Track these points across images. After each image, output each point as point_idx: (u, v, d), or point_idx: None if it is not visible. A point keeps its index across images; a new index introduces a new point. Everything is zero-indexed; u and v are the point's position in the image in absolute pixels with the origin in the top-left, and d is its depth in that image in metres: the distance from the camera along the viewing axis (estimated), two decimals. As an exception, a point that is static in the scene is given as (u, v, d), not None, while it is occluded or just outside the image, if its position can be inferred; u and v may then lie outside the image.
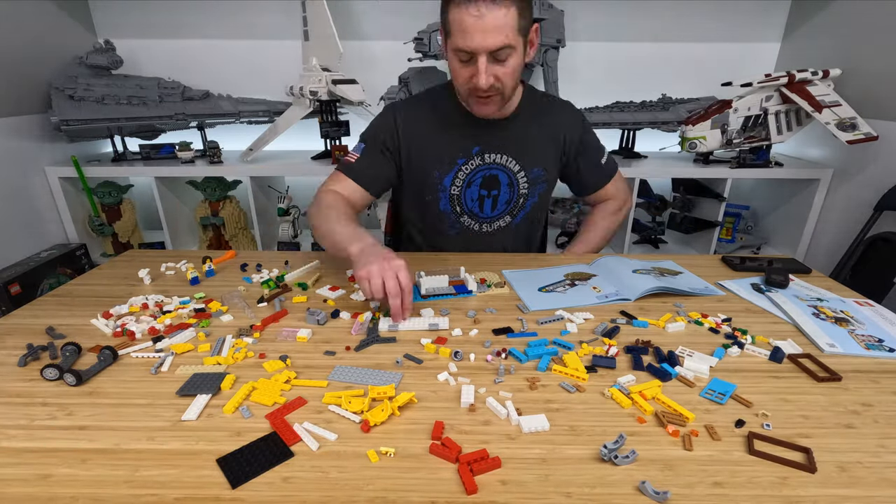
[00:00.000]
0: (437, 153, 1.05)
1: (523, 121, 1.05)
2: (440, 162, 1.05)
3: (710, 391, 0.63)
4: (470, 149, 1.04)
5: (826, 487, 0.48)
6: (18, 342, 0.74)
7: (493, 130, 1.04)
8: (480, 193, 1.09)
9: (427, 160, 1.06)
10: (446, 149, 1.05)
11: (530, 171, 1.08)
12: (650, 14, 2.03)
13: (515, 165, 1.06)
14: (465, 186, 1.07)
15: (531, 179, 1.09)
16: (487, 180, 1.07)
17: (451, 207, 1.10)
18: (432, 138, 1.05)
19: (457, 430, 0.56)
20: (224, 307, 0.84)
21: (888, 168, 1.60)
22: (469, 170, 1.05)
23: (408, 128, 1.04)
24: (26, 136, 1.74)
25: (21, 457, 0.52)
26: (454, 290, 0.90)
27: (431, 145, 1.05)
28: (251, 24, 2.03)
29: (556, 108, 1.10)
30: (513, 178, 1.07)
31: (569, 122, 1.10)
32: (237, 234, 2.02)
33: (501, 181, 1.07)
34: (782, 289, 0.94)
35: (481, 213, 1.11)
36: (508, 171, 1.06)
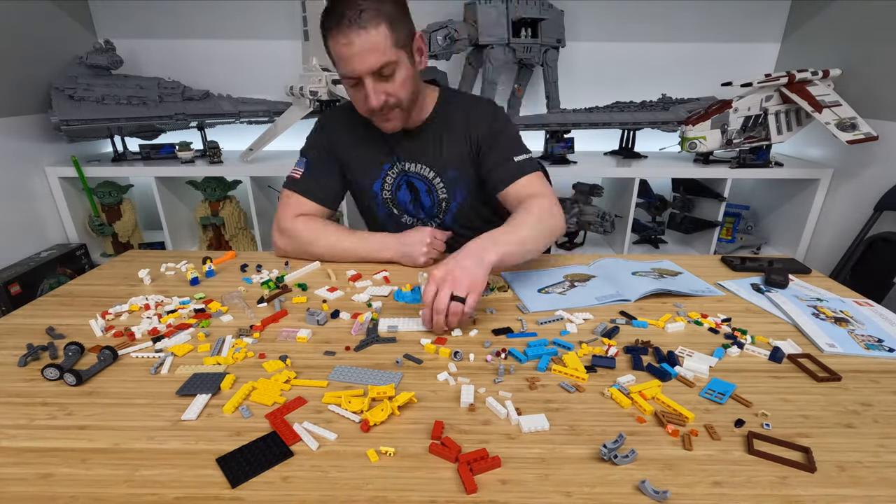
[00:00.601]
0: (366, 161, 1.08)
1: (436, 126, 1.05)
2: (370, 168, 1.09)
3: (709, 391, 0.63)
4: (392, 156, 1.07)
5: (826, 487, 0.48)
6: (18, 342, 0.74)
7: (407, 140, 1.05)
8: (411, 196, 1.11)
9: (359, 168, 1.09)
10: (372, 155, 1.08)
11: (445, 174, 1.07)
12: (650, 14, 2.03)
13: (430, 172, 1.07)
14: (395, 189, 1.10)
15: (448, 182, 1.08)
16: (410, 186, 1.10)
17: (387, 210, 1.13)
18: (360, 147, 1.07)
19: (457, 429, 0.56)
20: (224, 307, 0.84)
21: (888, 168, 1.60)
22: (395, 174, 1.08)
23: (338, 139, 1.08)
24: (26, 136, 1.74)
25: (21, 456, 0.52)
26: None
27: (360, 154, 1.08)
28: (251, 24, 2.03)
29: (469, 107, 1.06)
30: (429, 184, 1.08)
31: (479, 118, 1.04)
32: (237, 234, 2.02)
33: (420, 189, 1.09)
34: (782, 289, 0.94)
35: (417, 213, 1.13)
36: (424, 179, 1.08)
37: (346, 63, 0.87)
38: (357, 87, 0.91)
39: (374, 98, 0.89)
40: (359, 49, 0.84)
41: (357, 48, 0.84)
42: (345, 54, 0.85)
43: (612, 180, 2.10)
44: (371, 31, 0.83)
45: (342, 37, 0.84)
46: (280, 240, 1.07)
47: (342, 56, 0.86)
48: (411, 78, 0.92)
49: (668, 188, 2.17)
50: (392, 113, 0.94)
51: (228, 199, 2.00)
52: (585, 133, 2.08)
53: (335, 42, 0.85)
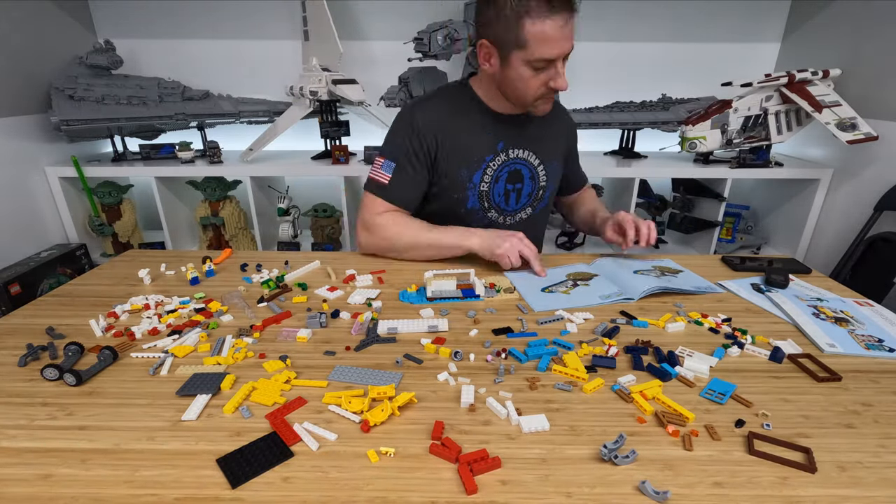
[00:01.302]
0: (464, 152, 1.05)
1: (537, 119, 1.08)
2: (468, 160, 1.06)
3: (710, 391, 0.63)
4: (495, 145, 1.06)
5: (826, 487, 0.48)
6: (18, 342, 0.74)
7: (513, 127, 1.07)
8: (507, 188, 1.11)
9: (454, 160, 1.05)
10: (473, 147, 1.05)
11: (549, 164, 1.13)
12: (650, 14, 2.03)
13: (535, 159, 1.11)
14: (493, 182, 1.09)
15: (549, 172, 1.14)
16: (512, 175, 1.10)
17: (479, 203, 1.10)
18: (457, 138, 1.04)
19: (457, 430, 0.56)
20: (224, 307, 0.85)
21: (888, 168, 1.60)
22: (497, 165, 1.08)
23: (429, 129, 1.03)
24: (26, 136, 1.74)
25: (21, 457, 0.52)
26: (461, 294, 0.89)
27: (457, 145, 1.04)
28: (251, 24, 2.03)
29: (559, 111, 1.17)
30: (534, 171, 1.11)
31: (568, 124, 1.20)
32: (237, 234, 2.02)
33: (524, 175, 1.11)
34: (782, 289, 0.94)
35: (507, 206, 1.13)
36: (530, 165, 1.10)
37: (553, 44, 0.87)
38: (541, 71, 0.91)
39: (563, 79, 0.92)
40: (567, 33, 0.87)
41: (568, 30, 0.87)
42: (556, 35, 0.86)
43: (612, 180, 2.10)
44: (575, 16, 0.87)
45: (558, 17, 0.85)
46: (365, 236, 1.08)
47: (552, 37, 0.86)
48: None
49: (668, 188, 2.17)
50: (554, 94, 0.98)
51: (228, 199, 2.00)
52: (585, 133, 2.07)
53: (545, 23, 0.85)
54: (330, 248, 2.01)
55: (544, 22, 0.85)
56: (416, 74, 1.83)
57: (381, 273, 0.99)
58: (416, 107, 1.05)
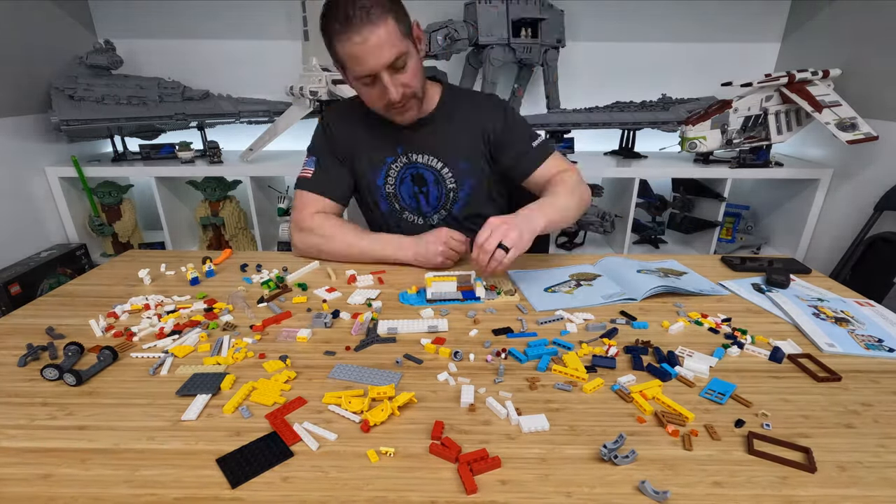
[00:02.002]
0: (368, 155, 1.08)
1: (442, 119, 1.06)
2: (371, 162, 1.09)
3: (709, 391, 0.63)
4: (395, 147, 1.07)
5: (826, 487, 0.48)
6: (18, 342, 0.74)
7: (412, 131, 1.05)
8: (414, 190, 1.11)
9: (362, 163, 1.09)
10: (375, 148, 1.08)
11: (455, 165, 1.08)
12: (650, 14, 2.03)
13: (438, 163, 1.08)
14: (398, 184, 1.10)
15: (457, 173, 1.08)
16: (416, 178, 1.10)
17: (389, 206, 1.13)
18: (363, 142, 1.08)
19: (457, 429, 0.56)
20: (230, 306, 0.85)
21: (888, 168, 1.60)
22: (398, 167, 1.08)
23: (341, 135, 1.08)
24: (26, 136, 1.74)
25: (21, 457, 0.52)
26: (461, 296, 0.89)
27: (362, 147, 1.08)
28: (251, 24, 2.03)
29: (477, 103, 1.09)
30: (437, 175, 1.09)
31: (489, 114, 1.07)
32: (237, 234, 2.02)
33: (427, 179, 1.09)
34: (783, 289, 0.94)
35: (420, 207, 1.13)
36: (432, 170, 1.08)
37: (361, 61, 0.86)
38: (372, 85, 0.91)
39: (394, 91, 0.90)
40: (373, 45, 0.84)
41: (371, 44, 0.84)
42: (359, 53, 0.85)
43: (612, 180, 2.10)
44: (381, 26, 0.84)
45: (355, 35, 0.83)
46: (300, 239, 1.06)
47: (356, 55, 0.86)
48: (419, 65, 0.95)
49: (668, 188, 2.17)
50: (409, 103, 0.96)
51: (228, 199, 2.00)
52: (585, 133, 2.08)
53: (345, 42, 0.85)
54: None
55: (344, 40, 0.85)
56: (416, 74, 1.83)
57: (381, 273, 0.99)
58: (326, 114, 1.11)
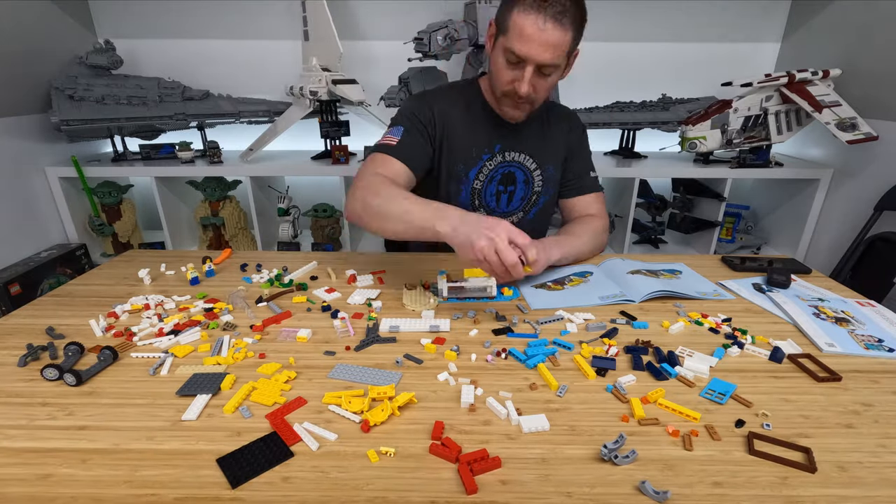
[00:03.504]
0: (465, 146, 1.07)
1: (539, 122, 1.10)
2: (466, 155, 1.07)
3: (710, 391, 0.63)
4: (493, 145, 1.07)
5: (826, 487, 0.48)
6: (18, 342, 0.74)
7: (513, 129, 1.07)
8: (498, 189, 1.12)
9: (455, 152, 1.07)
10: (473, 143, 1.07)
11: (545, 168, 1.12)
12: (650, 14, 2.03)
13: (532, 163, 1.10)
14: (486, 182, 1.10)
15: (546, 177, 1.12)
16: (506, 177, 1.11)
17: (469, 200, 1.12)
18: (461, 131, 1.06)
19: (457, 430, 0.56)
20: (230, 306, 0.85)
21: (888, 168, 1.60)
22: (492, 165, 1.09)
23: (442, 117, 1.05)
24: (26, 136, 1.74)
25: (21, 457, 0.52)
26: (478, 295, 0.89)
27: (460, 138, 1.07)
28: (251, 24, 2.03)
29: (564, 115, 1.16)
30: (529, 175, 1.11)
31: (575, 125, 1.16)
32: (237, 234, 2.02)
33: (518, 178, 1.11)
34: (784, 289, 0.94)
35: (497, 208, 1.14)
36: (525, 169, 1.10)
37: (525, 43, 0.87)
38: (513, 67, 0.91)
39: (525, 85, 0.91)
40: (546, 40, 0.86)
41: (545, 38, 0.85)
42: (530, 35, 0.85)
43: (612, 180, 2.10)
44: (562, 31, 0.86)
45: (539, 19, 0.84)
46: (352, 197, 0.93)
47: (526, 35, 0.86)
48: (556, 83, 0.97)
49: (668, 188, 2.17)
50: (525, 105, 0.97)
51: (228, 199, 2.00)
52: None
53: (527, 18, 0.85)
54: (330, 248, 2.01)
55: (527, 15, 0.85)
56: (416, 74, 1.83)
57: (382, 273, 0.99)
58: (427, 93, 1.10)
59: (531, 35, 0.85)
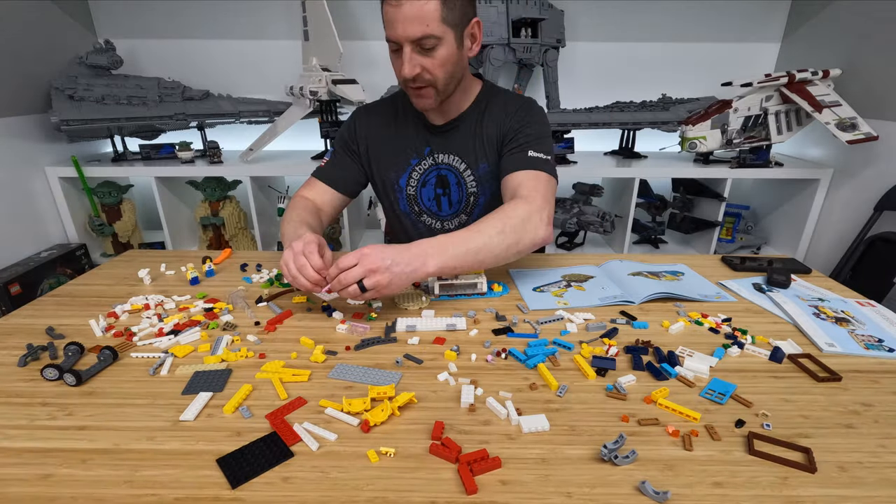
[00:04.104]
0: (392, 154, 1.08)
1: (472, 119, 1.03)
2: (395, 163, 1.08)
3: (710, 391, 0.63)
4: (422, 149, 1.06)
5: (826, 487, 0.48)
6: (18, 342, 0.74)
7: (442, 131, 1.04)
8: (437, 192, 1.10)
9: (383, 161, 1.09)
10: (400, 149, 1.07)
11: (476, 168, 1.04)
12: (650, 14, 2.03)
13: (461, 164, 1.06)
14: (419, 186, 1.09)
15: (479, 177, 1.05)
16: (440, 180, 1.09)
17: (408, 207, 1.12)
18: (387, 140, 1.07)
19: (457, 430, 0.56)
20: (230, 306, 0.85)
21: (888, 168, 1.60)
22: (422, 170, 1.07)
23: (365, 131, 1.08)
24: (26, 136, 1.74)
25: (21, 457, 0.52)
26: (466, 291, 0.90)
27: (386, 147, 1.08)
28: (251, 24, 2.03)
29: (507, 102, 1.03)
30: (459, 176, 1.07)
31: (514, 111, 1.02)
32: (237, 234, 2.02)
33: (450, 181, 1.08)
34: (784, 289, 0.94)
35: (440, 211, 1.12)
36: (455, 171, 1.07)
37: (390, 25, 0.87)
38: (397, 54, 0.91)
39: (407, 67, 0.89)
40: (405, 15, 0.84)
41: (404, 13, 0.84)
42: (391, 17, 0.86)
43: (612, 180, 2.11)
44: (420, 1, 0.84)
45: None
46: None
47: (388, 18, 0.87)
48: (453, 59, 0.90)
49: (668, 188, 2.17)
50: (426, 90, 0.93)
51: (228, 199, 2.00)
52: (585, 133, 2.08)
53: (387, 3, 0.86)
54: (330, 248, 2.01)
55: (386, 2, 0.86)
56: (416, 74, 1.83)
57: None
58: (359, 109, 1.12)
59: (392, 16, 0.86)
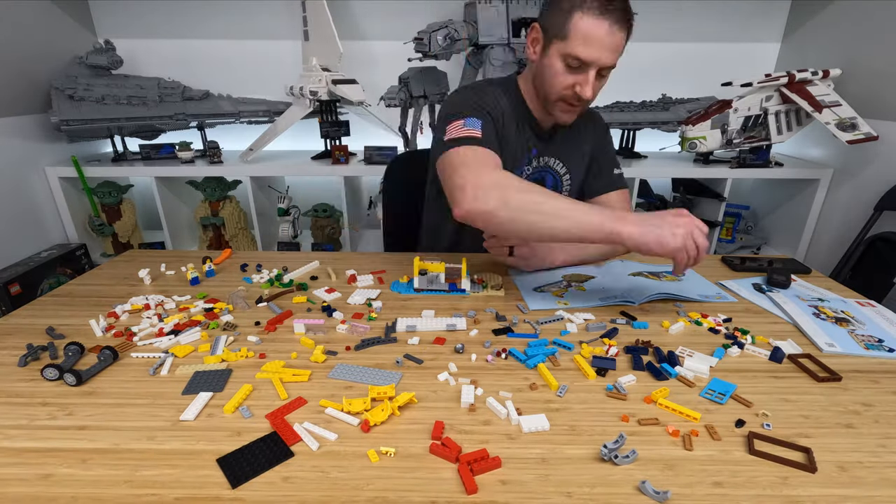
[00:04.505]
0: (511, 147, 1.02)
1: (572, 128, 1.06)
2: (513, 156, 1.03)
3: (710, 391, 0.63)
4: (531, 148, 1.05)
5: (826, 487, 0.48)
6: (18, 342, 0.74)
7: (548, 133, 1.06)
8: None
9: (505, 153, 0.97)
10: (518, 144, 1.04)
11: (574, 173, 1.10)
12: (650, 14, 2.03)
13: (563, 168, 1.09)
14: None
15: (573, 181, 1.11)
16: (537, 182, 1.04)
17: None
18: (510, 131, 1.02)
19: (457, 429, 0.56)
20: (230, 306, 0.85)
21: (888, 168, 1.60)
22: (530, 170, 1.07)
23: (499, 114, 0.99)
24: (26, 136, 1.74)
25: (21, 457, 0.52)
26: (447, 287, 0.91)
27: (509, 138, 1.01)
28: (251, 24, 2.03)
29: (588, 115, 1.11)
30: (558, 180, 1.09)
31: (597, 125, 1.13)
32: (237, 234, 2.02)
33: (547, 182, 1.09)
34: (784, 289, 0.94)
35: None
36: (555, 174, 1.09)
37: (591, 47, 0.85)
38: (574, 71, 0.89)
39: (590, 89, 0.90)
40: (611, 43, 0.85)
41: (611, 41, 0.85)
42: (597, 39, 0.85)
43: (612, 180, 2.10)
44: (624, 33, 0.86)
45: (606, 22, 0.83)
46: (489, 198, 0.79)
47: (593, 39, 0.85)
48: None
49: (668, 188, 2.17)
50: (577, 108, 0.95)
51: (228, 199, 2.00)
52: (585, 133, 2.08)
53: (593, 22, 0.84)
54: (330, 248, 2.01)
55: (593, 20, 0.84)
56: (416, 74, 1.83)
57: (382, 273, 0.99)
58: (479, 86, 1.02)
59: (599, 39, 0.84)
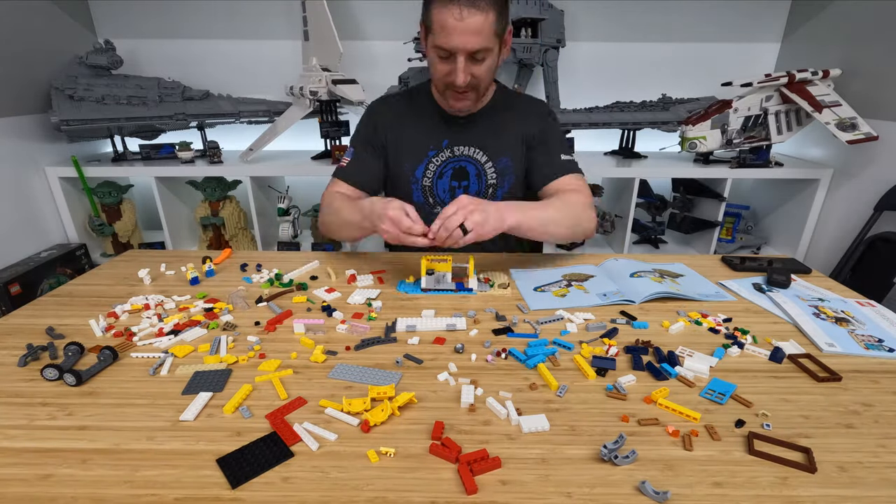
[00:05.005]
0: (410, 145, 1.10)
1: (490, 116, 1.09)
2: (412, 153, 1.10)
3: (710, 391, 0.63)
4: (440, 140, 1.08)
5: (826, 487, 0.48)
6: (18, 342, 0.74)
7: (462, 124, 1.08)
8: (451, 185, 1.12)
9: (400, 152, 1.10)
10: (418, 141, 1.09)
11: (497, 161, 1.10)
12: (650, 14, 2.03)
13: (482, 156, 1.09)
14: (436, 178, 1.11)
15: (499, 170, 1.11)
16: (457, 172, 1.11)
17: (423, 199, 1.13)
18: (405, 131, 1.09)
19: (457, 430, 0.56)
20: (230, 306, 0.85)
21: (888, 168, 1.60)
22: (439, 161, 1.09)
23: (383, 122, 1.10)
24: (26, 136, 1.74)
25: (21, 457, 0.52)
26: (454, 287, 0.91)
27: (404, 138, 1.09)
28: (251, 24, 2.03)
29: (524, 104, 1.13)
30: (480, 168, 1.10)
31: (534, 116, 1.11)
32: (237, 234, 2.02)
33: (470, 172, 1.11)
34: (784, 289, 0.94)
35: None
36: (476, 163, 1.10)
37: (448, 36, 0.88)
38: (446, 61, 0.93)
39: (461, 75, 0.92)
40: (466, 28, 0.86)
41: (466, 26, 0.86)
42: (451, 27, 0.87)
43: (612, 180, 2.10)
44: (482, 15, 0.86)
45: (455, 10, 0.85)
46: (320, 216, 1.11)
47: (447, 28, 0.87)
48: (495, 66, 0.97)
49: (668, 188, 2.17)
50: (468, 94, 0.98)
51: (228, 199, 2.00)
52: (585, 133, 2.08)
53: (445, 12, 0.86)
54: (330, 248, 2.01)
55: (444, 9, 0.86)
56: (416, 74, 1.83)
57: (382, 273, 0.99)
58: (376, 102, 1.15)
59: (453, 27, 0.87)
